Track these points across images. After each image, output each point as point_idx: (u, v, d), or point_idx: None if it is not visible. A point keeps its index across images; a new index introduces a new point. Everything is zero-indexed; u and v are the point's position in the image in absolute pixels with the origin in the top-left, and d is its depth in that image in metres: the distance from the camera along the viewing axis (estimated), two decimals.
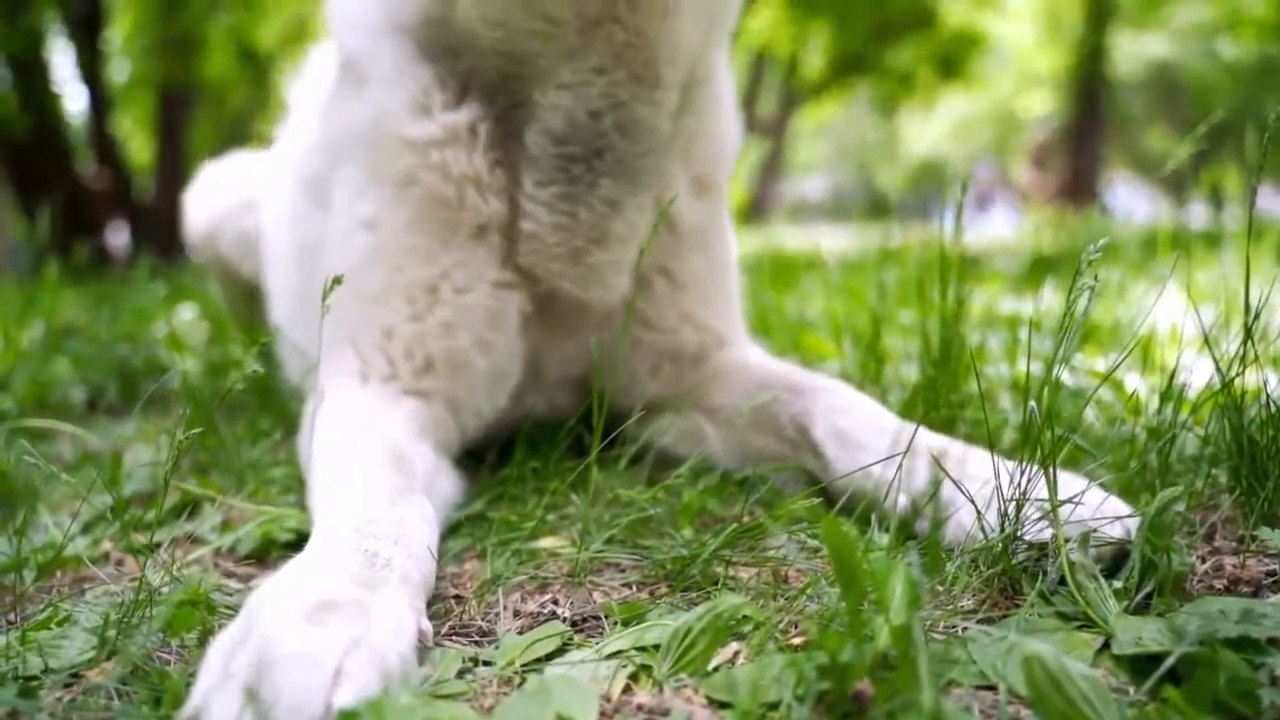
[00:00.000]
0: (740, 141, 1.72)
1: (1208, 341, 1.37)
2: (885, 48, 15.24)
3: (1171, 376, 1.36)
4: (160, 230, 13.53)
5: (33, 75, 10.13)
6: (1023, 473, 1.05)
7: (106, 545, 1.39)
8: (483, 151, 1.45)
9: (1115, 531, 1.06)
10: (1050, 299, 3.12)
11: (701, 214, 1.58)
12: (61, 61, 13.17)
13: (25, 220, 10.95)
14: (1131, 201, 23.24)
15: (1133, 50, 21.02)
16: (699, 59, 1.48)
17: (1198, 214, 6.09)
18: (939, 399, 1.61)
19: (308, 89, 2.10)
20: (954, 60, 15.62)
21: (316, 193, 1.68)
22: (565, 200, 1.44)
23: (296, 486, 1.49)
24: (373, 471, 1.16)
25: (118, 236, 12.81)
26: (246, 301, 2.55)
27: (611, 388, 1.53)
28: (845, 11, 13.20)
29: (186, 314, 3.21)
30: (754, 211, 16.16)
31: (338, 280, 1.13)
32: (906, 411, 1.68)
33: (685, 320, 1.58)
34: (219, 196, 2.58)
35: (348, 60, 1.58)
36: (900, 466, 1.18)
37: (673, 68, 1.41)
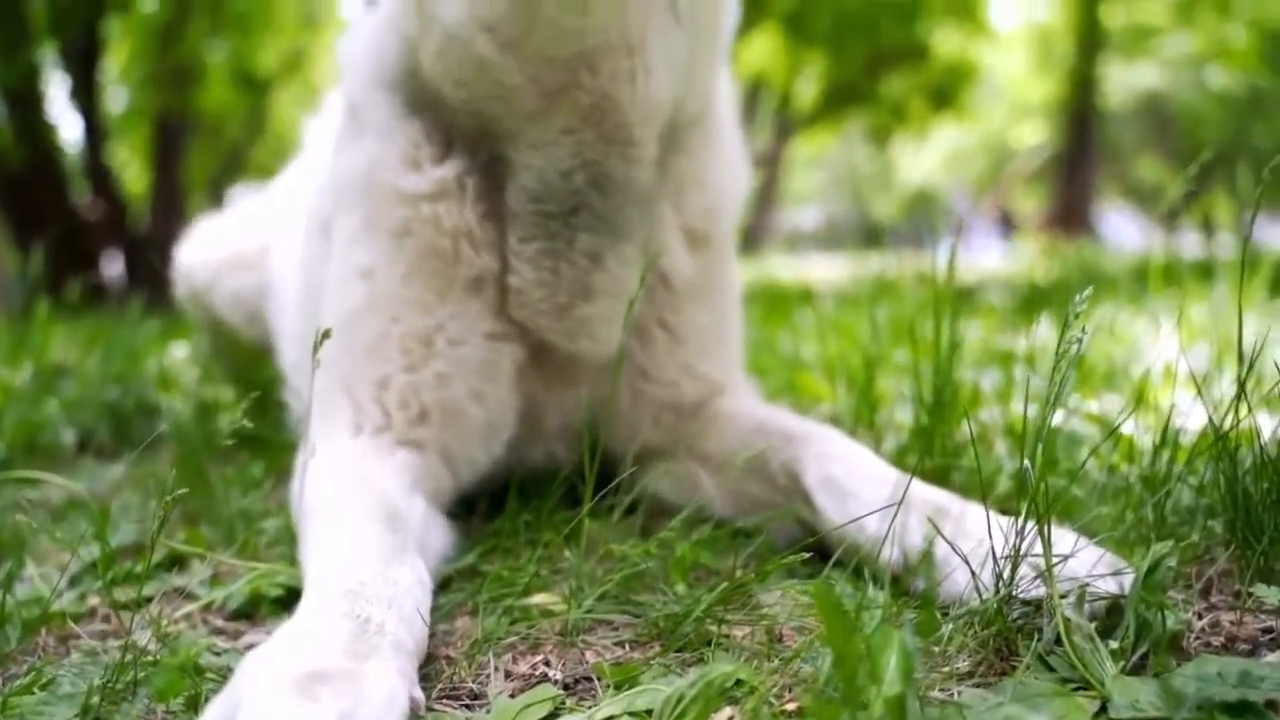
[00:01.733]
0: (747, 182, 1.70)
1: (1200, 391, 1.37)
2: (878, 79, 15.35)
3: (1165, 426, 1.36)
4: (155, 260, 13.54)
5: (29, 107, 10.16)
6: (1019, 534, 1.04)
7: (93, 600, 1.38)
8: (471, 205, 1.45)
9: (1109, 587, 1.06)
10: (1044, 332, 3.13)
11: (699, 268, 1.56)
12: (57, 92, 13.18)
13: (19, 252, 10.95)
14: (1123, 229, 23.37)
15: (1123, 80, 21.19)
16: (685, 100, 1.47)
17: (1189, 242, 6.12)
18: (933, 447, 1.60)
19: (323, 129, 2.11)
20: (946, 91, 15.75)
21: (326, 234, 1.69)
22: (546, 256, 1.44)
23: (287, 539, 1.47)
24: (365, 529, 1.15)
25: (112, 266, 12.81)
26: (238, 358, 2.55)
27: (610, 438, 1.52)
28: (839, 43, 13.31)
29: (179, 352, 3.20)
30: (749, 241, 16.20)
31: (326, 334, 1.14)
32: (900, 459, 1.68)
33: (685, 373, 1.57)
34: (213, 252, 2.58)
35: (351, 107, 1.59)
36: (894, 519, 1.18)
37: (647, 125, 1.40)
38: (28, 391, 2.64)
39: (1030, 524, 1.06)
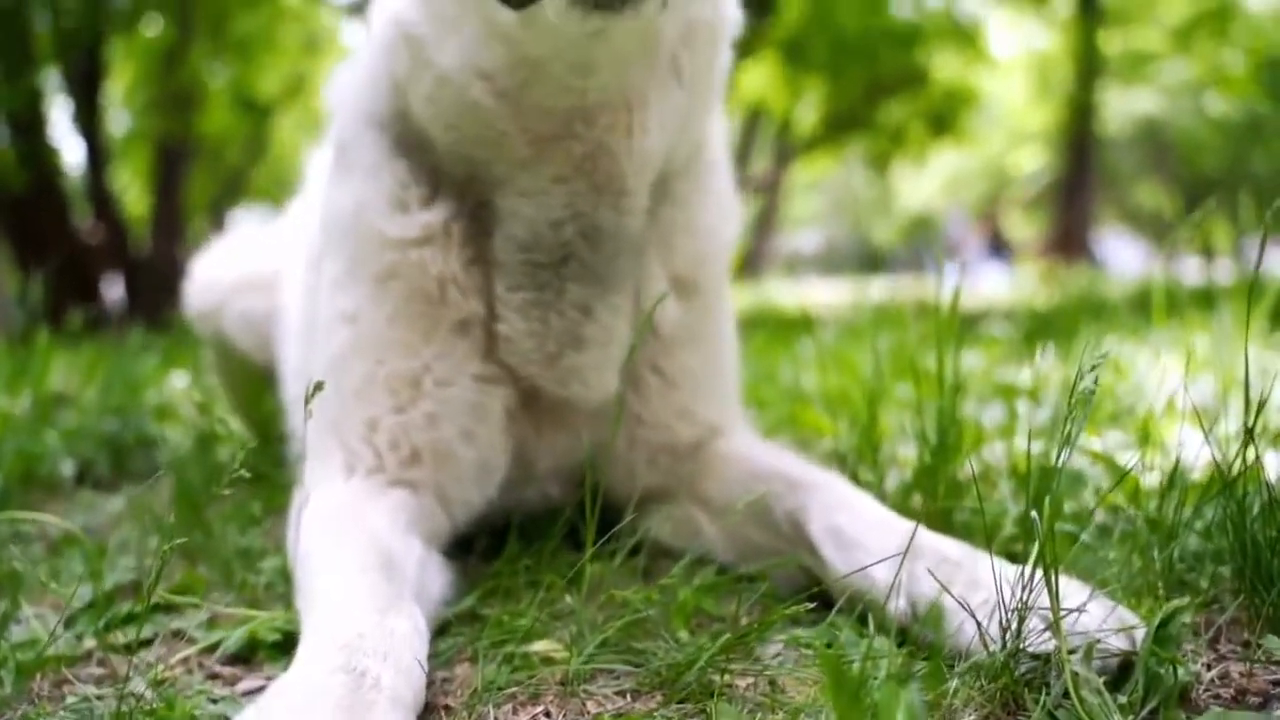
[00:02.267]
0: (738, 223, 1.69)
1: (1207, 435, 1.36)
2: (878, 105, 15.41)
3: (1173, 471, 1.35)
4: (156, 284, 13.54)
5: (31, 130, 10.19)
6: (1025, 587, 1.03)
7: (90, 643, 1.36)
8: (457, 251, 1.44)
9: (1120, 643, 1.04)
10: (1047, 364, 3.12)
11: (689, 313, 1.55)
12: (60, 116, 13.24)
13: (21, 275, 10.96)
14: (1122, 255, 23.43)
15: (1121, 106, 21.29)
16: (678, 149, 1.46)
17: (1189, 267, 6.12)
18: (936, 488, 1.59)
19: (324, 161, 2.11)
20: (945, 117, 15.79)
21: (319, 270, 1.68)
22: (535, 306, 1.43)
23: (286, 579, 1.46)
24: (360, 578, 1.13)
25: (113, 290, 12.82)
26: (245, 382, 2.53)
27: (607, 480, 1.51)
28: (838, 69, 13.37)
29: (178, 382, 3.19)
30: (748, 266, 16.23)
31: (319, 386, 1.13)
32: (904, 498, 1.67)
33: (680, 416, 1.56)
34: (225, 271, 2.56)
35: (340, 146, 1.58)
36: (900, 569, 1.16)
37: (641, 177, 1.40)
38: (27, 421, 2.63)
39: (1038, 575, 1.05)
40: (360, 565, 1.16)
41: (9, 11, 9.56)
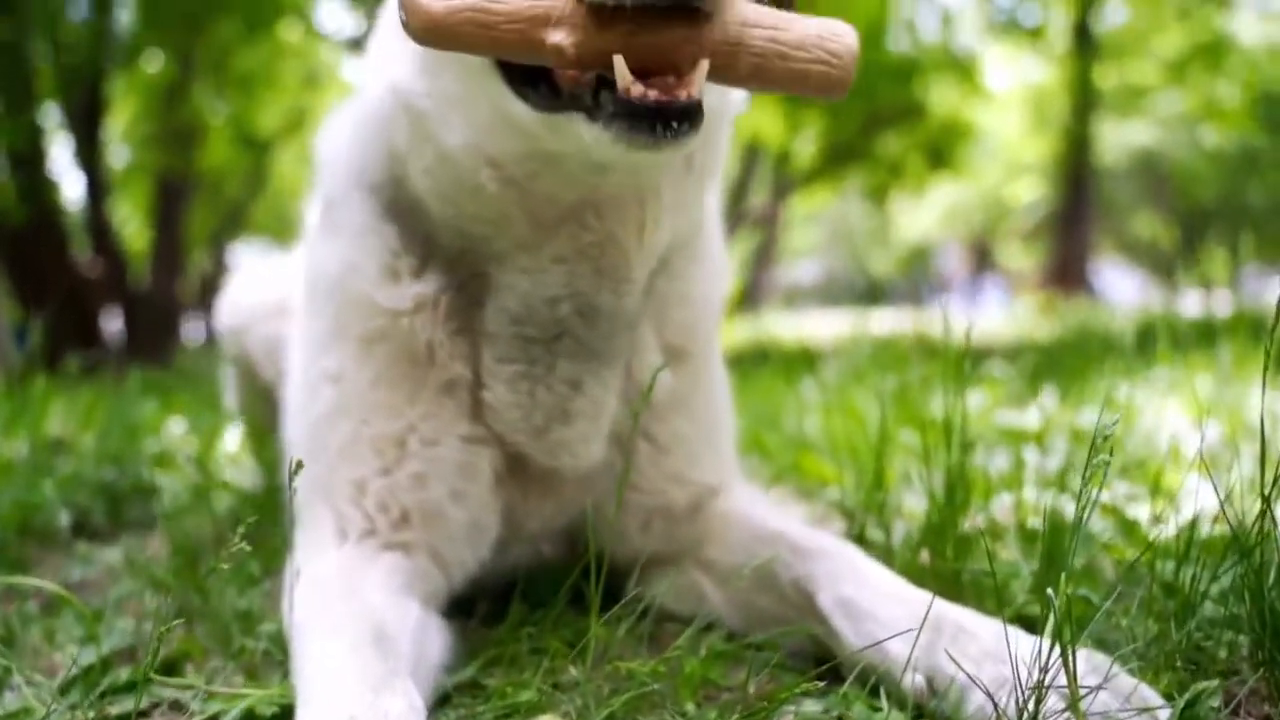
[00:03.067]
0: (728, 285, 1.68)
1: (1222, 497, 1.34)
2: (876, 137, 15.47)
3: (1189, 538, 1.33)
4: (154, 318, 13.56)
5: (31, 165, 10.22)
6: (1043, 670, 1.00)
7: (86, 714, 1.33)
8: (443, 321, 1.42)
9: None
10: (1051, 403, 3.10)
11: (679, 380, 1.53)
12: (60, 150, 13.29)
13: (20, 309, 10.96)
14: (1120, 285, 23.49)
15: (1117, 138, 21.42)
16: (680, 228, 1.44)
17: (1187, 297, 6.14)
18: (945, 548, 1.56)
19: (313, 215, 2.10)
20: (943, 150, 15.85)
21: None
22: (524, 379, 1.40)
23: (283, 648, 1.43)
24: (352, 657, 1.11)
25: (112, 323, 12.82)
26: (261, 404, 2.51)
27: (601, 543, 1.49)
28: (836, 103, 13.41)
29: (177, 428, 3.17)
30: (748, 299, 16.25)
31: (300, 465, 1.13)
32: (912, 557, 1.64)
33: (671, 480, 1.54)
34: (251, 295, 2.55)
35: (327, 203, 1.57)
36: (915, 643, 1.14)
37: (647, 264, 1.38)
38: (24, 469, 2.61)
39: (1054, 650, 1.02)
40: (352, 642, 1.14)
41: (11, 46, 9.61)
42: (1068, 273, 18.79)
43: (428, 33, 1.06)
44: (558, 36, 1.03)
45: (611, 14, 1.02)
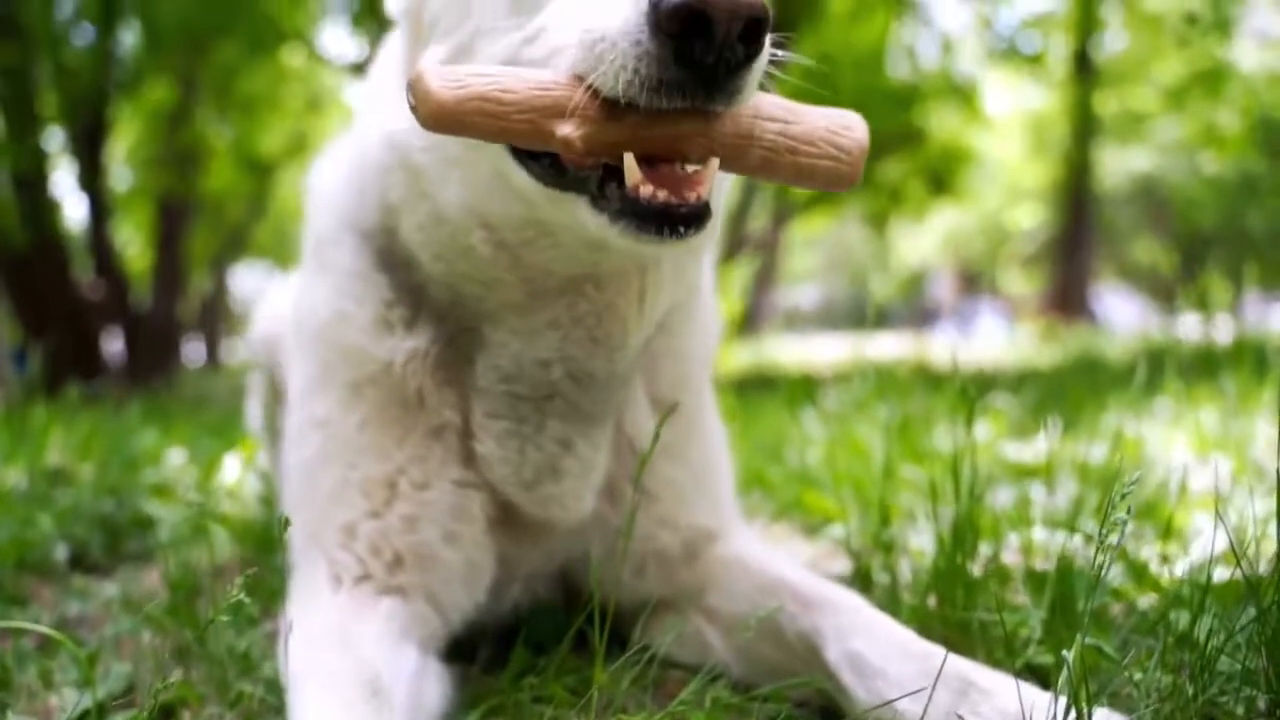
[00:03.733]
0: (719, 335, 1.67)
1: (1237, 553, 1.32)
2: (876, 163, 15.50)
3: (1204, 595, 1.30)
4: (155, 339, 13.57)
5: (35, 188, 10.25)
6: None
7: None
8: (431, 371, 1.41)
9: None
10: (1055, 433, 3.08)
11: (668, 429, 1.51)
12: (63, 174, 13.34)
13: (22, 330, 10.96)
14: (1120, 310, 23.50)
15: (1117, 164, 21.49)
16: (678, 293, 1.43)
17: (1187, 321, 6.12)
18: (954, 594, 1.54)
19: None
20: (943, 175, 15.89)
21: None
22: (513, 437, 1.39)
23: (280, 695, 1.41)
24: (347, 713, 1.10)
25: (113, 344, 12.83)
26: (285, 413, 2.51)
27: (596, 586, 1.48)
28: None
29: (177, 459, 3.15)
30: (748, 323, 16.25)
31: (287, 522, 1.14)
32: (920, 601, 1.62)
33: (662, 525, 1.52)
34: (286, 304, 2.56)
35: (317, 243, 1.56)
36: (928, 703, 1.12)
37: (644, 332, 1.37)
38: (22, 501, 2.59)
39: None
40: (345, 699, 1.13)
41: (15, 71, 9.66)
42: (1068, 298, 18.81)
43: (437, 121, 1.04)
44: (567, 129, 1.02)
45: (624, 107, 1.02)
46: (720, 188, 1.39)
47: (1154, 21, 15.93)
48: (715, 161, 1.05)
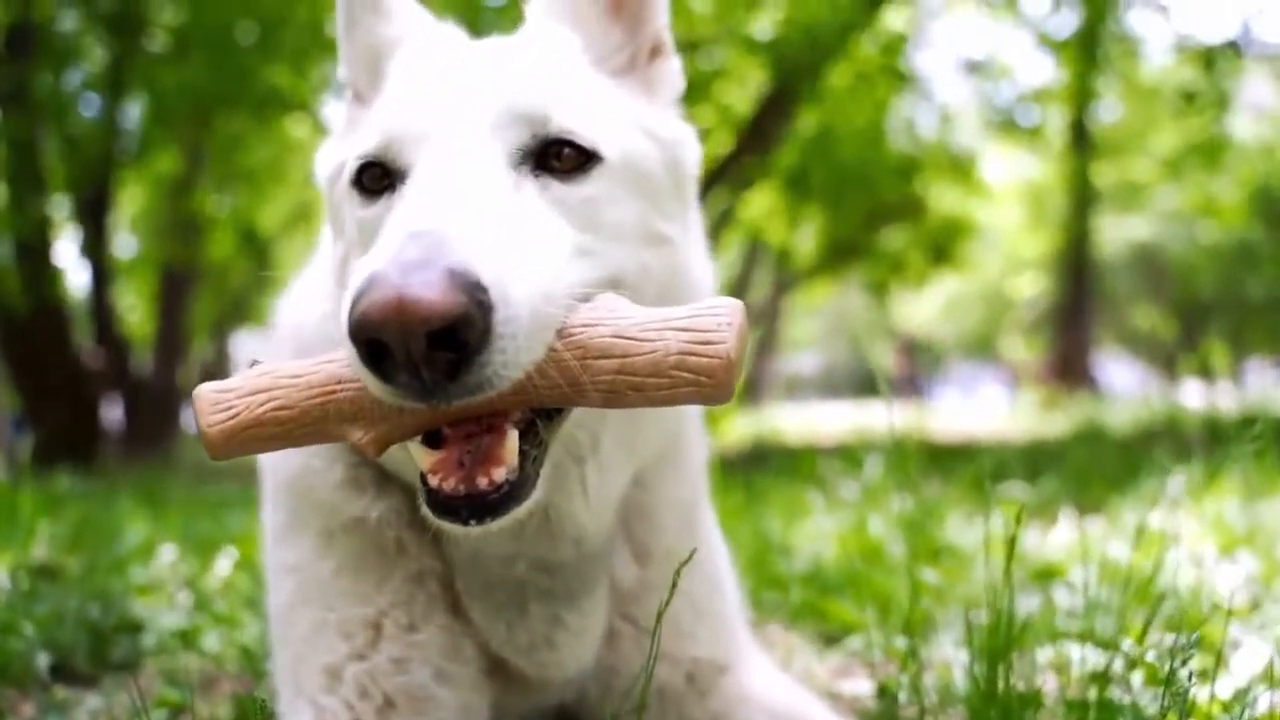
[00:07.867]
0: (706, 458, 1.59)
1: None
2: (876, 233, 15.58)
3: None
4: (155, 406, 13.49)
5: (38, 256, 10.25)
6: None
7: None
8: (407, 526, 1.34)
9: None
10: (1072, 524, 2.99)
11: (656, 567, 1.45)
12: (67, 241, 13.39)
13: (21, 397, 10.90)
14: (1121, 377, 23.47)
15: (1116, 233, 21.60)
16: (646, 456, 1.38)
17: (1186, 388, 6.08)
18: None
19: None
20: (944, 245, 15.95)
21: None
22: (499, 618, 1.34)
23: None
24: None
25: (113, 411, 12.75)
26: None
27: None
28: (837, 200, 13.51)
29: (168, 556, 3.05)
30: (749, 392, 16.17)
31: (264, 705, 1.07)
32: None
33: (659, 660, 1.43)
34: None
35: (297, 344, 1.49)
36: None
37: (602, 520, 1.32)
38: (5, 604, 2.49)
39: None
40: None
41: (22, 142, 9.71)
42: (1070, 366, 18.77)
43: (218, 452, 0.99)
44: (357, 434, 0.96)
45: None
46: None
47: (1151, 93, 16.11)
48: (514, 436, 0.97)
